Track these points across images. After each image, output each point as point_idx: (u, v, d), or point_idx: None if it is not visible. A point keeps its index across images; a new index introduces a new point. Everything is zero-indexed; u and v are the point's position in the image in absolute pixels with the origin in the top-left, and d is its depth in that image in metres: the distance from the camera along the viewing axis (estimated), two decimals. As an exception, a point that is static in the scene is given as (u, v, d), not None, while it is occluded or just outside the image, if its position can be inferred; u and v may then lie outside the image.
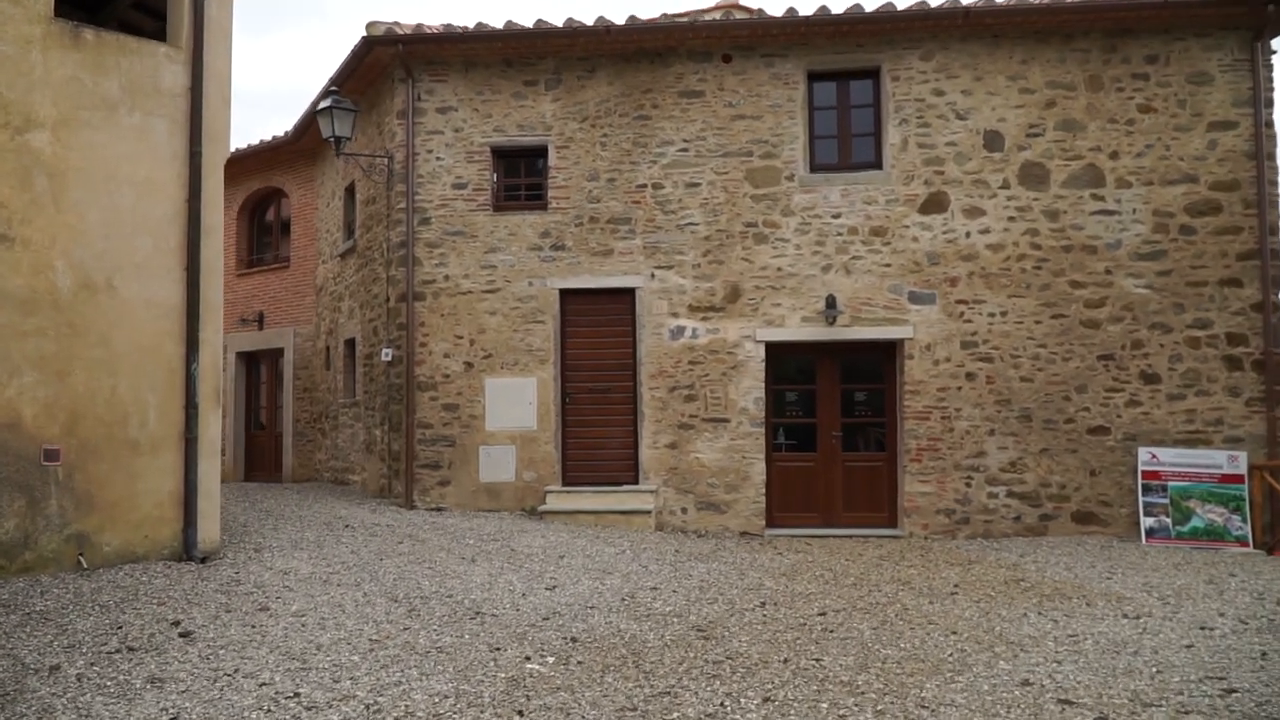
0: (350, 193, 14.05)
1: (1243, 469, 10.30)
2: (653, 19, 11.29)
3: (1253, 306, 10.61)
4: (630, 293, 11.31)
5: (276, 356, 16.25)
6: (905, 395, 10.92)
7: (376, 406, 12.64)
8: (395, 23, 11.67)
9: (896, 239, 10.99)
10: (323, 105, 11.84)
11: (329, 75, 12.76)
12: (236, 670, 5.21)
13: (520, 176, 11.77)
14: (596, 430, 11.35)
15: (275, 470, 15.99)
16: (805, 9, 11.14)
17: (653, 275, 11.26)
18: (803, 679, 5.28)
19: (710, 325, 11.16)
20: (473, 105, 11.59)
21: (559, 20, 11.30)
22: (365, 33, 11.53)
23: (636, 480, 11.17)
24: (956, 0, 10.82)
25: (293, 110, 49.90)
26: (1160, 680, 5.27)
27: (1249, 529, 10.13)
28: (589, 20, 11.19)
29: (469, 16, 49.00)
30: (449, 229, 11.55)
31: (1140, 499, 10.40)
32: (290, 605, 6.59)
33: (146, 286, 7.81)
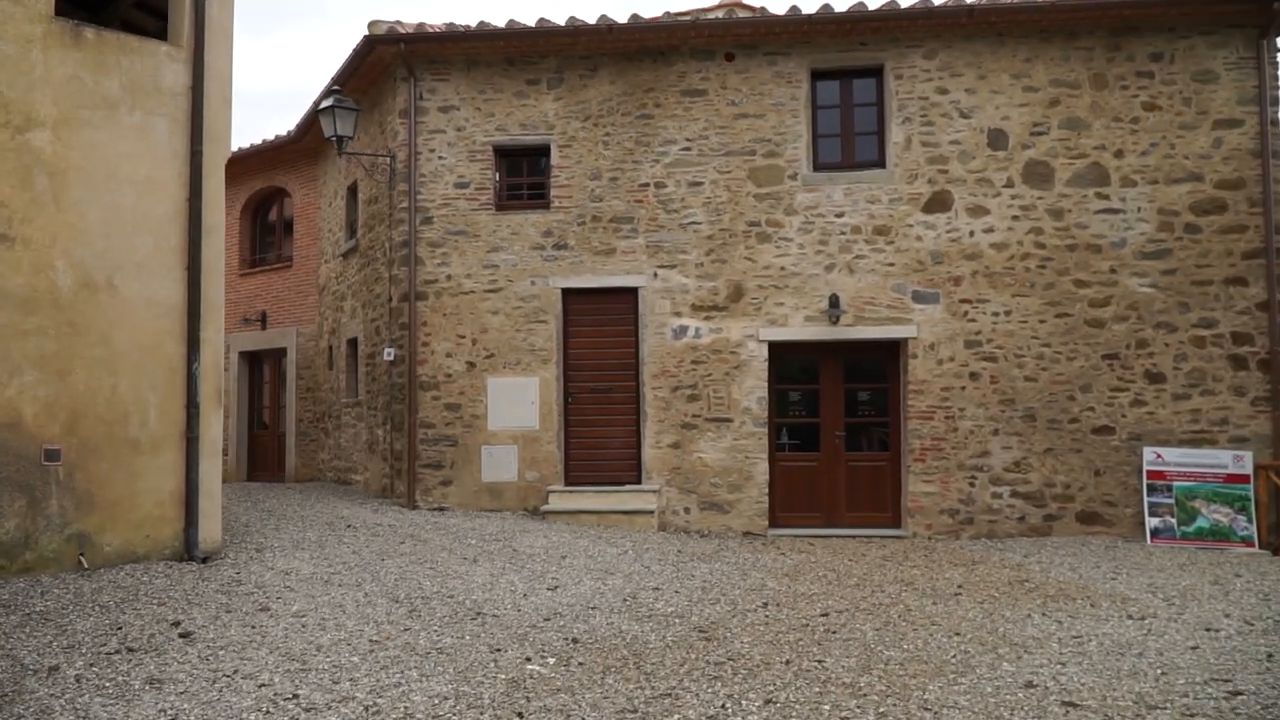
0: (353, 192, 14.03)
1: (1248, 469, 10.24)
2: (655, 17, 11.26)
3: (1258, 305, 10.55)
4: (633, 292, 11.28)
5: (279, 356, 16.25)
6: (909, 395, 10.88)
7: (379, 406, 12.62)
8: (397, 22, 11.65)
9: (900, 238, 10.95)
10: (325, 104, 11.83)
11: (331, 75, 12.76)
12: (236, 671, 5.19)
13: (523, 175, 11.75)
14: (599, 430, 11.32)
15: (278, 470, 15.98)
16: (808, 7, 11.16)
17: (655, 275, 11.23)
18: (805, 680, 5.25)
19: (713, 325, 11.12)
20: (475, 104, 11.56)
21: (561, 19, 11.28)
22: (367, 32, 11.52)
23: (639, 480, 11.15)
24: (960, -2, 10.80)
25: (294, 110, 50.01)
26: (1165, 682, 5.23)
27: (1254, 529, 10.08)
28: (591, 19, 11.17)
29: (471, 15, 49.04)
30: (451, 228, 11.53)
31: (1145, 499, 10.35)
32: (291, 606, 6.58)
33: (147, 285, 7.80)
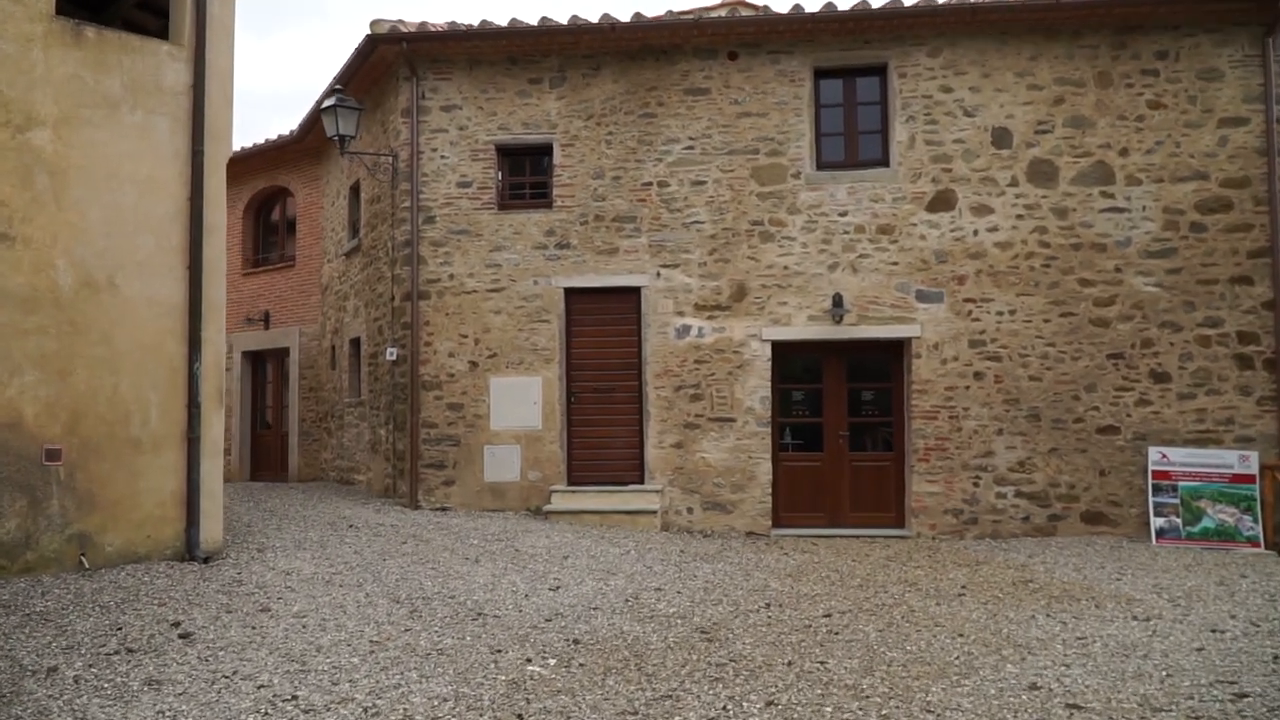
0: (355, 191, 14.01)
1: (1254, 469, 10.19)
2: (658, 16, 11.22)
3: (1264, 304, 10.49)
4: (636, 291, 11.25)
5: (282, 356, 16.24)
6: (913, 394, 10.84)
7: (381, 406, 12.61)
8: (399, 21, 11.63)
9: (904, 237, 10.91)
10: (327, 104, 11.82)
11: (333, 75, 12.74)
12: (235, 672, 5.17)
13: (525, 175, 11.72)
14: (602, 430, 11.29)
15: (281, 470, 15.97)
16: (811, 5, 11.11)
17: (658, 274, 11.20)
18: (807, 682, 5.22)
19: (716, 324, 11.09)
20: (477, 103, 11.54)
21: (563, 18, 11.26)
22: (369, 31, 11.50)
23: (642, 480, 11.11)
24: (964, -4, 10.74)
25: (296, 110, 49.96)
26: (1170, 684, 5.19)
27: (1260, 529, 10.02)
28: (594, 18, 11.13)
29: (473, 14, 49.06)
30: (454, 228, 11.50)
31: (1150, 499, 10.30)
32: (292, 606, 6.56)
33: (148, 285, 7.79)
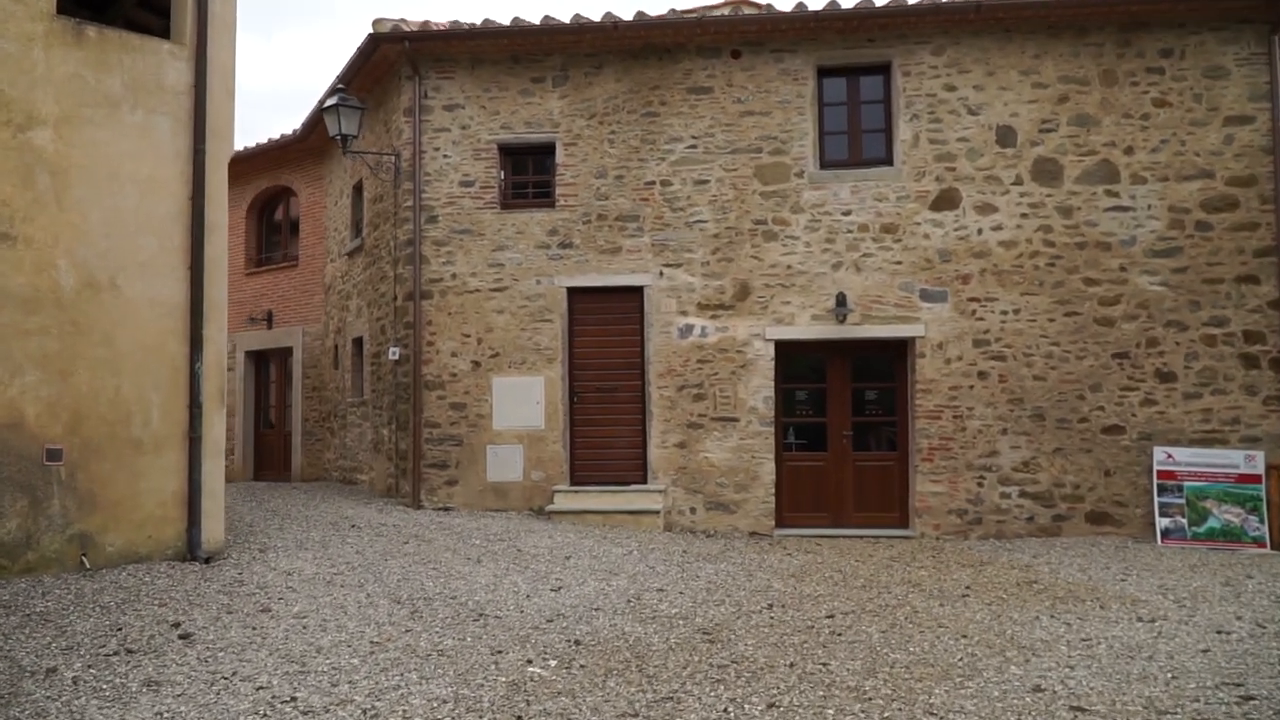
0: (358, 191, 14.00)
1: (1260, 469, 10.13)
2: (661, 15, 11.18)
3: (1270, 304, 10.43)
4: (638, 291, 11.22)
5: (285, 355, 16.23)
6: (917, 394, 10.79)
7: (384, 406, 12.59)
8: (401, 20, 11.61)
9: (908, 236, 10.86)
10: (329, 103, 11.80)
11: (335, 74, 12.73)
12: (234, 673, 5.15)
13: (528, 174, 11.70)
14: (604, 430, 11.27)
15: (284, 469, 15.97)
16: (815, 4, 11.04)
17: (661, 273, 11.17)
18: (809, 684, 5.19)
19: (719, 324, 11.05)
20: (480, 102, 11.52)
21: (566, 16, 11.24)
22: (372, 30, 11.49)
23: (645, 480, 11.08)
24: (968, -6, 10.69)
25: (299, 110, 49.87)
26: (1175, 686, 5.15)
27: (1266, 530, 9.97)
28: (596, 16, 11.10)
29: (475, 13, 49.02)
30: (456, 227, 11.48)
31: (1155, 499, 10.25)
32: (292, 606, 6.54)
33: (150, 285, 7.78)
